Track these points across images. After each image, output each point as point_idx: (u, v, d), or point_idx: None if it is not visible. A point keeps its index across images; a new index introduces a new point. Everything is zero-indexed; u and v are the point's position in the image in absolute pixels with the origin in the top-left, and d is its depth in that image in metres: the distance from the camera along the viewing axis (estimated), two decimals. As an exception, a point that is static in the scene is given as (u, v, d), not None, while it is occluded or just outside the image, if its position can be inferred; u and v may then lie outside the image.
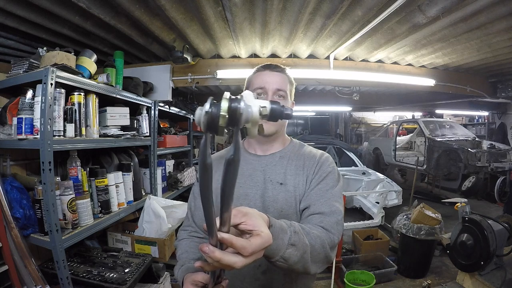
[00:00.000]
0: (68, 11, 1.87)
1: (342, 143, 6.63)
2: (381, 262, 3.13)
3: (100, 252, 1.96)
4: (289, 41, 2.65)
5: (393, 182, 4.58)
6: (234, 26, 2.28)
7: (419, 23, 2.21)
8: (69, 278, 1.49)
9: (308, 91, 5.39)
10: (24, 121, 1.48)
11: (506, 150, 5.23)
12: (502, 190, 5.44)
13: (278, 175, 0.97)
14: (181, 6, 2.01)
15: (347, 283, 2.59)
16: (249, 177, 0.97)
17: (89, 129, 1.77)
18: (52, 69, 1.44)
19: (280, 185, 0.95)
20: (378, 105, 6.49)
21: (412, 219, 2.99)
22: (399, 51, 3.02)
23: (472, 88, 3.91)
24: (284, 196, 0.93)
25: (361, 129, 10.03)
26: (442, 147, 5.18)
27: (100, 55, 2.22)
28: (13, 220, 1.47)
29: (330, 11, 2.05)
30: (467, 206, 2.54)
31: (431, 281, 2.56)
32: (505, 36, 2.53)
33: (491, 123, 7.40)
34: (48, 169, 1.40)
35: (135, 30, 2.30)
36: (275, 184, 0.95)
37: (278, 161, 1.00)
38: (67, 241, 1.49)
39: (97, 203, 1.82)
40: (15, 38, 2.21)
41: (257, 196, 0.94)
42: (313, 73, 3.13)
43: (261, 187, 0.96)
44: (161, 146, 2.82)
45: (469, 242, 2.41)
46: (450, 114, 8.34)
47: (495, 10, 2.06)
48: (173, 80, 3.00)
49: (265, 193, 0.94)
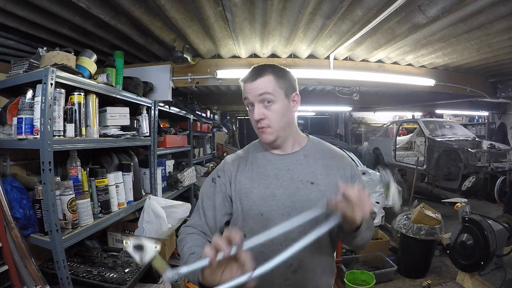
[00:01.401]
0: (68, 11, 1.87)
1: (342, 143, 6.63)
2: (381, 262, 3.13)
3: (100, 252, 1.96)
4: (289, 41, 2.65)
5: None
6: (234, 26, 2.28)
7: (419, 23, 2.21)
8: (69, 278, 1.49)
9: (308, 91, 5.39)
10: (24, 121, 1.48)
11: (506, 150, 5.23)
12: (502, 190, 5.44)
13: (307, 174, 0.96)
14: (181, 6, 2.01)
15: (347, 283, 2.59)
16: (275, 177, 0.96)
17: (89, 129, 1.77)
18: (52, 69, 1.45)
19: (312, 184, 0.95)
20: (378, 105, 6.49)
21: (412, 219, 2.99)
22: (399, 51, 3.02)
23: (472, 88, 3.90)
24: (317, 195, 0.93)
25: (361, 129, 10.03)
26: (442, 147, 5.17)
27: (100, 55, 2.22)
28: (13, 220, 1.47)
29: (330, 11, 2.05)
30: (467, 206, 2.54)
31: (431, 281, 2.57)
32: (505, 36, 2.53)
33: (491, 123, 7.40)
34: (48, 169, 1.40)
35: (135, 30, 2.30)
36: (305, 184, 0.95)
37: (303, 160, 0.99)
38: (67, 241, 1.49)
39: (97, 203, 1.82)
40: (15, 38, 2.21)
41: (285, 196, 0.94)
42: (313, 73, 3.13)
43: (289, 186, 0.95)
44: (161, 146, 2.82)
45: (469, 242, 2.41)
46: (450, 114, 8.34)
47: (495, 10, 2.06)
48: (173, 80, 3.00)
49: (296, 192, 0.94)
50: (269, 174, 0.96)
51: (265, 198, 0.93)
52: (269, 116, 0.94)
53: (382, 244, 3.35)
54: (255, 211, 0.93)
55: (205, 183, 1.07)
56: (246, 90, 0.95)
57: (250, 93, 0.94)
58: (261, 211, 0.93)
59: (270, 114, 0.94)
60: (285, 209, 0.92)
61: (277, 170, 0.97)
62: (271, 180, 0.96)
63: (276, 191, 0.94)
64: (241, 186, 0.97)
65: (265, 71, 0.95)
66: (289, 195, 0.93)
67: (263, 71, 0.95)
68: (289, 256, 0.80)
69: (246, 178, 0.97)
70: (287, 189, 0.94)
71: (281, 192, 0.94)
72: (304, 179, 0.95)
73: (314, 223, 0.84)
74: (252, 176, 0.97)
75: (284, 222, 0.85)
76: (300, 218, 0.78)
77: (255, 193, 0.94)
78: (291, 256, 0.81)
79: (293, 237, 0.89)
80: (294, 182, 0.95)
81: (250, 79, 0.95)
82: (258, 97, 0.93)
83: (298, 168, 0.97)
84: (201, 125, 4.39)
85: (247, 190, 0.95)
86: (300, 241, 0.74)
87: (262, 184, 0.95)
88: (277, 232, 0.76)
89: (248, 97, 0.95)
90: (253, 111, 0.94)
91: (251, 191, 0.95)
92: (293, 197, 0.93)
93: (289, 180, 0.95)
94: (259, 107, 0.93)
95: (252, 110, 0.95)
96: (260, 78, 0.94)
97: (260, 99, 0.93)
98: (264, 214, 0.92)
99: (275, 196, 0.94)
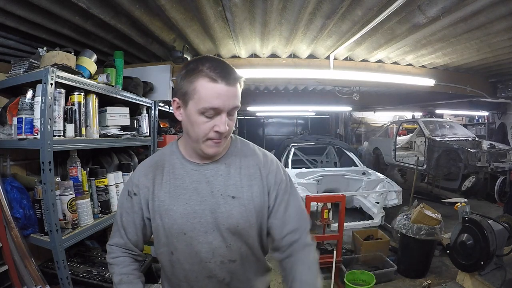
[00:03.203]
0: (68, 11, 1.87)
1: (342, 143, 6.62)
2: (381, 262, 3.13)
3: (100, 252, 1.96)
4: (289, 41, 2.65)
5: (393, 182, 4.58)
6: (234, 26, 2.28)
7: (419, 23, 2.21)
8: (69, 278, 1.49)
9: (308, 91, 5.40)
10: (24, 121, 1.48)
11: (506, 150, 5.23)
12: (502, 190, 5.43)
13: (228, 188, 0.88)
14: (181, 6, 2.01)
15: (347, 283, 2.60)
16: (194, 191, 0.88)
17: (89, 129, 1.77)
18: (52, 69, 1.44)
19: (233, 199, 0.87)
20: (378, 105, 6.50)
21: (412, 219, 2.99)
22: (399, 51, 3.02)
23: (472, 88, 3.91)
24: (239, 210, 0.87)
25: (361, 129, 10.04)
26: (442, 147, 5.18)
27: (100, 55, 2.22)
28: (13, 220, 1.47)
29: (330, 11, 2.05)
30: (467, 206, 2.53)
31: (431, 281, 2.56)
32: (505, 36, 2.53)
33: (491, 123, 7.40)
34: (48, 169, 1.40)
35: (135, 30, 2.30)
36: (226, 198, 0.87)
37: (224, 171, 0.89)
38: (67, 241, 1.49)
39: (97, 203, 1.82)
40: (15, 38, 2.21)
41: (207, 212, 0.86)
42: (313, 73, 3.13)
43: (209, 201, 0.87)
44: (161, 146, 2.82)
45: (469, 242, 2.41)
46: (450, 114, 8.35)
47: (495, 10, 2.06)
48: (173, 80, 3.01)
49: (216, 209, 0.86)
50: (188, 188, 0.88)
51: (187, 215, 0.86)
52: (230, 127, 0.83)
53: (382, 244, 3.35)
54: (177, 230, 0.86)
55: (122, 194, 0.98)
56: (219, 93, 0.77)
57: (224, 100, 0.78)
58: (183, 229, 0.86)
59: (231, 125, 0.84)
60: (208, 225, 0.86)
61: (196, 183, 0.88)
62: (190, 194, 0.87)
63: (197, 207, 0.86)
64: (160, 203, 0.89)
65: (237, 75, 0.81)
66: (210, 211, 0.86)
67: (236, 74, 0.81)
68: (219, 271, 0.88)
69: (164, 193, 0.89)
70: (208, 205, 0.86)
71: (202, 208, 0.86)
72: (225, 193, 0.87)
73: (238, 236, 0.88)
74: (170, 190, 0.89)
75: (208, 239, 0.86)
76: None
77: (175, 211, 0.86)
78: (221, 271, 0.88)
79: (221, 253, 0.87)
80: (214, 196, 0.87)
81: (226, 81, 0.78)
82: (231, 108, 0.81)
83: (219, 180, 0.88)
84: (201, 125, 4.37)
85: (167, 207, 0.88)
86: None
87: (182, 200, 0.87)
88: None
89: (219, 107, 0.78)
90: (216, 119, 0.80)
91: (170, 208, 0.87)
92: (214, 213, 0.86)
93: (209, 194, 0.87)
94: (226, 118, 0.81)
95: (216, 118, 0.80)
96: (236, 84, 0.81)
97: (231, 110, 0.82)
98: (187, 233, 0.86)
99: (196, 213, 0.86)
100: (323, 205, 2.99)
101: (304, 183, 4.17)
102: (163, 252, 0.92)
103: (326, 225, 3.03)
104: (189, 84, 0.79)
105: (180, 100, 0.84)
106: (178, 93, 0.84)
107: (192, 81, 0.78)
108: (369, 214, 4.19)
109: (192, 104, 0.80)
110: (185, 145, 0.94)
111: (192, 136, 0.85)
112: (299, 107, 6.39)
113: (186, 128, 0.87)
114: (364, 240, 3.37)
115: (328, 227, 3.19)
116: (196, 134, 0.83)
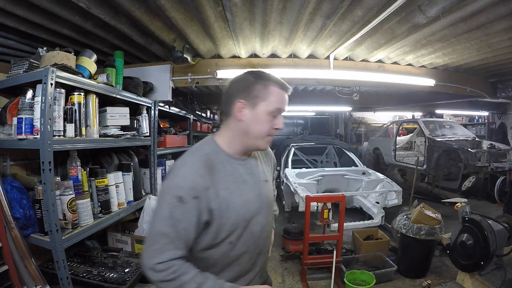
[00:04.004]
0: (68, 11, 1.87)
1: (342, 143, 6.62)
2: (381, 262, 3.13)
3: (100, 252, 1.96)
4: (289, 41, 2.65)
5: (393, 182, 4.58)
6: (234, 26, 2.28)
7: (419, 23, 2.21)
8: (69, 278, 1.49)
9: (308, 91, 5.39)
10: (24, 121, 1.48)
11: (506, 150, 5.23)
12: (502, 190, 5.44)
13: (262, 174, 1.10)
14: (181, 6, 2.01)
15: (347, 283, 2.59)
16: (244, 183, 1.02)
17: (89, 129, 1.77)
18: (52, 69, 1.45)
19: (266, 182, 1.11)
20: (378, 105, 6.50)
21: (412, 219, 2.99)
22: (399, 51, 3.02)
23: (472, 88, 3.90)
24: (270, 189, 1.14)
25: (361, 129, 10.03)
26: (442, 147, 5.17)
27: (100, 55, 2.22)
28: (13, 220, 1.47)
29: (330, 11, 2.05)
30: (467, 206, 2.53)
31: (431, 281, 2.56)
32: (505, 36, 2.53)
33: (491, 123, 7.40)
34: (48, 169, 1.40)
35: (135, 30, 2.30)
36: (263, 183, 1.09)
37: (257, 162, 1.11)
38: (67, 241, 1.49)
39: (97, 203, 1.82)
40: (15, 38, 2.21)
41: (255, 197, 1.03)
42: (313, 73, 3.13)
43: (255, 188, 1.05)
44: (161, 146, 2.82)
45: (469, 242, 2.41)
46: (450, 114, 8.34)
47: (495, 10, 2.06)
48: (173, 80, 3.00)
49: (261, 193, 1.06)
50: (239, 181, 1.01)
51: (245, 205, 0.99)
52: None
53: (382, 244, 3.35)
54: (241, 219, 0.98)
55: (167, 203, 0.90)
56: (283, 99, 1.00)
57: (285, 104, 1.01)
58: (246, 217, 0.99)
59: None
60: (258, 208, 1.04)
61: (245, 175, 1.03)
62: (243, 186, 1.01)
63: (249, 195, 1.02)
64: (222, 199, 0.94)
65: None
66: (257, 195, 1.04)
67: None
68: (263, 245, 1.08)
69: (224, 190, 0.95)
70: (255, 191, 1.04)
71: (253, 195, 1.03)
72: (262, 179, 1.09)
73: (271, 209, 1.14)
74: (227, 186, 0.96)
75: (259, 219, 1.03)
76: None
77: (236, 203, 0.97)
78: (265, 244, 1.10)
79: (267, 228, 1.08)
80: (257, 183, 1.06)
81: (287, 90, 1.02)
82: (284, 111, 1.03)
83: (257, 170, 1.08)
84: (201, 125, 4.39)
85: (228, 202, 0.95)
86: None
87: (239, 192, 0.99)
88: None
89: (283, 107, 1.01)
90: (278, 119, 1.01)
91: (232, 201, 0.96)
92: (260, 196, 1.05)
93: (254, 182, 1.05)
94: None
95: (278, 118, 1.01)
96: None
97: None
98: (247, 219, 1.00)
99: (250, 201, 1.01)
100: (323, 205, 2.99)
101: (304, 183, 4.16)
102: (219, 249, 0.96)
103: (326, 225, 3.04)
104: (264, 90, 0.97)
105: (248, 102, 0.97)
106: (246, 96, 0.97)
107: (267, 86, 0.97)
108: (369, 214, 4.18)
109: (264, 105, 0.97)
110: (229, 143, 1.03)
111: (254, 134, 1.00)
112: (299, 107, 6.38)
113: (246, 127, 0.99)
114: (364, 240, 3.37)
115: (328, 227, 3.18)
116: (261, 131, 1.00)
